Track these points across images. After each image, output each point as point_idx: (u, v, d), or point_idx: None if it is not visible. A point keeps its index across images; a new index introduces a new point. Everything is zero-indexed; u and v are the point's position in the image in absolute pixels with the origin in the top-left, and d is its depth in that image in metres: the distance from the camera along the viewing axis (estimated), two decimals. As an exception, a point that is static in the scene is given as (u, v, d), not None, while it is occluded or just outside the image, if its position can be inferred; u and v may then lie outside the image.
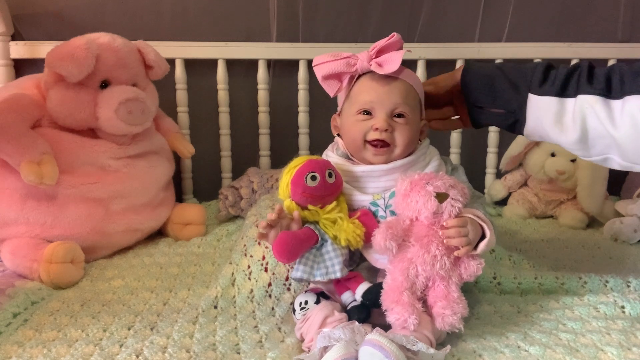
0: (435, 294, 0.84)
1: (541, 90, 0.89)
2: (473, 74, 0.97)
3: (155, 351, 0.84)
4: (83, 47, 1.22)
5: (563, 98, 0.87)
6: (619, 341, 0.83)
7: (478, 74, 0.97)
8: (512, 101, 0.92)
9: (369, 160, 0.95)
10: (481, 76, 0.96)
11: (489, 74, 0.96)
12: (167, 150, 1.49)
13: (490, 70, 0.97)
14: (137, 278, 1.17)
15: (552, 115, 0.87)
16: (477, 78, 0.97)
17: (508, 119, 0.94)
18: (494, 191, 1.70)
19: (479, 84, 0.96)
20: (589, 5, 1.70)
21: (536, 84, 0.89)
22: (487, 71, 0.97)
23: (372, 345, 0.72)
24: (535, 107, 0.89)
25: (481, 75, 0.96)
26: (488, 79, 0.95)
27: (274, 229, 0.88)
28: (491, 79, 0.95)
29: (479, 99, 0.96)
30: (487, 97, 0.95)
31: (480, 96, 0.96)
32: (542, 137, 0.92)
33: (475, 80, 0.97)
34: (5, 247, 1.20)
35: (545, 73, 0.90)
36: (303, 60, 1.61)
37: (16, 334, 0.91)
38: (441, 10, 1.68)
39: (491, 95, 0.95)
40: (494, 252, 1.19)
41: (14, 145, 1.15)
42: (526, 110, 0.90)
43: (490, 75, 0.95)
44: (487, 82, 0.95)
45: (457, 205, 0.86)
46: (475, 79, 0.97)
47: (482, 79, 0.96)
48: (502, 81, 0.93)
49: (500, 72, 0.94)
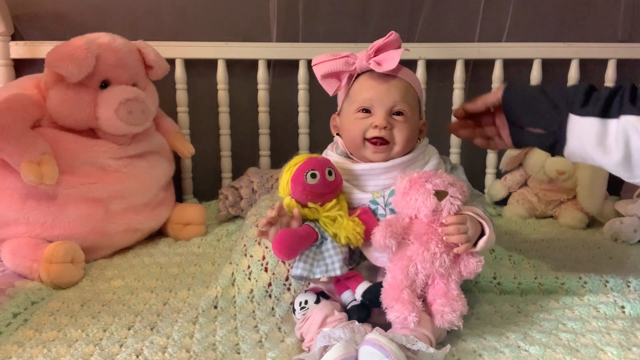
0: (435, 292, 0.84)
1: (583, 111, 0.86)
2: (514, 93, 0.96)
3: (155, 351, 0.84)
4: (83, 47, 1.22)
5: (606, 119, 0.85)
6: (619, 341, 0.83)
7: (519, 93, 0.96)
8: (553, 121, 0.90)
9: (369, 158, 0.95)
10: (522, 95, 0.95)
11: (530, 93, 0.95)
12: (167, 150, 1.49)
13: (531, 89, 0.97)
14: (137, 278, 1.17)
15: (594, 136, 0.85)
16: (518, 97, 0.95)
17: (548, 139, 0.91)
18: (494, 191, 1.70)
19: (519, 103, 0.95)
20: (589, 5, 1.70)
21: (578, 104, 0.87)
22: (529, 90, 0.97)
23: (372, 344, 0.72)
24: (577, 128, 0.87)
25: (522, 94, 0.95)
26: (529, 98, 0.94)
27: (274, 227, 0.88)
28: (532, 98, 0.93)
29: (519, 117, 0.95)
30: (527, 116, 0.93)
31: (521, 115, 0.95)
32: (583, 158, 0.89)
33: (516, 98, 0.95)
34: (5, 247, 1.20)
35: (587, 94, 0.88)
36: (303, 60, 1.61)
37: (16, 334, 0.91)
38: (441, 10, 1.68)
39: (531, 114, 0.93)
40: (494, 252, 1.19)
41: (14, 145, 1.15)
42: (567, 131, 0.88)
43: (531, 95, 0.94)
44: (528, 101, 0.93)
45: (456, 203, 0.86)
46: (516, 97, 0.95)
47: (523, 98, 0.94)
48: (543, 101, 0.91)
49: (541, 92, 0.93)
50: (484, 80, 1.69)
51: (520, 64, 1.68)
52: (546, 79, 1.67)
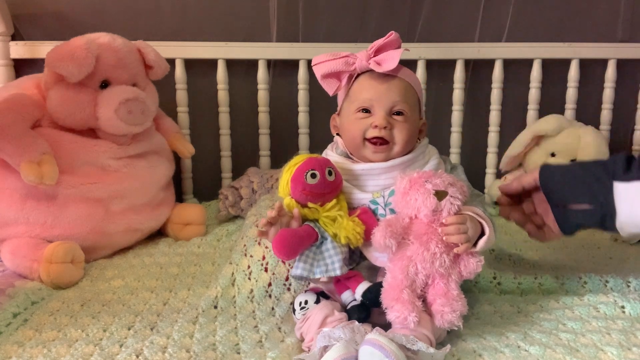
0: (435, 292, 0.84)
1: (627, 177, 0.83)
2: (550, 171, 0.94)
3: (155, 351, 0.84)
4: (83, 47, 1.22)
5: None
6: (619, 341, 0.83)
7: (555, 170, 0.93)
8: (598, 193, 0.86)
9: (369, 158, 0.95)
10: (559, 171, 0.93)
11: (567, 168, 0.93)
12: (167, 150, 1.49)
13: (567, 165, 0.95)
14: (137, 278, 1.17)
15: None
16: (555, 173, 0.93)
17: (596, 213, 0.87)
18: (494, 191, 1.70)
19: (558, 179, 0.92)
20: (589, 5, 1.70)
21: (620, 171, 0.84)
22: (565, 167, 0.95)
23: (372, 344, 0.72)
24: (625, 195, 0.83)
25: (559, 171, 0.93)
26: (567, 173, 0.92)
27: (273, 227, 0.88)
28: (570, 173, 0.91)
29: (560, 195, 0.92)
30: (569, 192, 0.90)
31: (562, 191, 0.91)
32: (637, 225, 0.84)
33: (553, 176, 0.93)
34: (5, 247, 1.20)
35: (627, 161, 0.86)
36: (303, 60, 1.61)
37: (16, 334, 0.91)
38: (441, 10, 1.68)
39: (573, 189, 0.89)
40: (494, 252, 1.19)
41: (14, 145, 1.15)
42: (614, 201, 0.84)
43: (568, 170, 0.92)
44: (567, 176, 0.91)
45: (456, 203, 0.86)
46: (554, 174, 0.93)
47: (561, 174, 0.92)
48: (583, 174, 0.89)
49: (578, 166, 0.92)
50: (484, 80, 1.70)
51: (520, 64, 1.68)
52: (546, 79, 1.67)
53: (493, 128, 1.70)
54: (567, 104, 1.70)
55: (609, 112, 1.70)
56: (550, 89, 1.70)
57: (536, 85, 1.67)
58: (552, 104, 1.70)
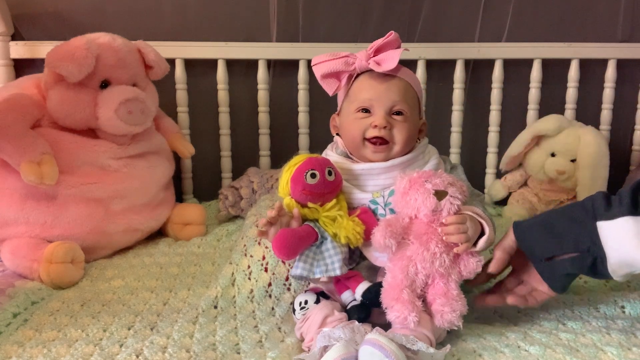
0: (435, 292, 0.84)
1: (610, 214, 0.77)
2: (525, 226, 0.87)
3: (155, 351, 0.84)
4: (83, 47, 1.22)
5: (639, 216, 0.76)
6: (619, 341, 0.83)
7: (531, 223, 0.87)
8: (582, 237, 0.80)
9: (369, 158, 0.96)
10: (535, 223, 0.86)
11: (542, 218, 0.87)
12: (167, 150, 1.49)
13: (542, 216, 0.88)
14: (137, 278, 1.17)
15: (634, 236, 0.75)
16: (532, 227, 0.86)
17: (585, 259, 0.80)
18: (494, 191, 1.70)
19: (536, 232, 0.85)
20: (589, 5, 1.70)
21: (601, 209, 0.78)
22: (540, 218, 0.88)
23: (372, 344, 0.72)
24: (611, 235, 0.77)
25: (535, 223, 0.86)
26: (544, 223, 0.85)
27: (273, 227, 0.88)
28: (547, 222, 0.85)
29: (542, 247, 0.85)
30: (550, 242, 0.83)
31: (543, 244, 0.84)
32: (632, 265, 0.77)
33: (530, 230, 0.86)
34: (5, 247, 1.20)
35: (605, 198, 0.80)
36: (303, 60, 1.61)
37: (16, 334, 0.91)
38: (441, 10, 1.68)
39: (555, 239, 0.83)
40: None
41: (14, 145, 1.15)
42: (602, 242, 0.78)
43: (544, 219, 0.86)
44: (544, 226, 0.84)
45: (456, 203, 0.86)
46: (530, 228, 0.86)
47: (538, 226, 0.85)
48: (562, 220, 0.83)
49: (554, 214, 0.85)
50: (484, 80, 1.69)
51: (520, 64, 1.68)
52: (546, 79, 1.67)
53: (493, 128, 1.70)
54: (567, 104, 1.70)
55: (609, 112, 1.70)
56: (550, 89, 1.70)
57: (536, 85, 1.67)
58: (552, 104, 1.70)
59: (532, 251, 0.86)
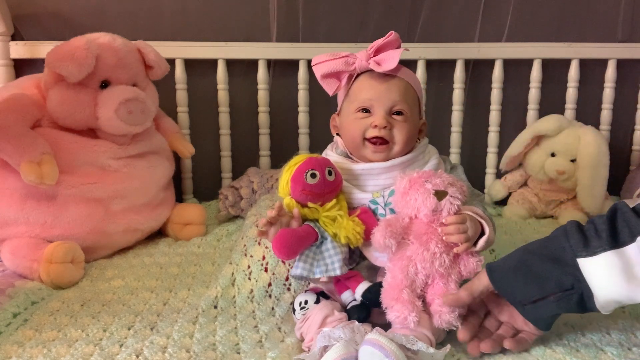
0: (434, 292, 0.84)
1: (589, 251, 0.73)
2: (500, 270, 0.81)
3: (155, 351, 0.84)
4: (83, 47, 1.22)
5: (620, 248, 0.72)
6: (619, 341, 0.83)
7: (504, 266, 0.81)
8: (564, 276, 0.75)
9: (369, 158, 0.96)
10: (512, 269, 0.80)
11: (517, 262, 0.80)
12: (167, 150, 1.49)
13: (515, 258, 0.81)
14: (137, 278, 1.17)
15: (619, 271, 0.71)
16: (507, 271, 0.80)
17: (570, 298, 0.75)
18: (494, 191, 1.70)
19: (513, 276, 0.79)
20: (589, 5, 1.70)
21: (579, 246, 0.74)
22: (514, 261, 0.81)
23: (372, 344, 0.72)
24: (596, 272, 0.73)
25: (512, 268, 0.80)
26: (521, 267, 0.79)
27: (273, 227, 0.88)
28: (524, 265, 0.79)
29: (523, 292, 0.79)
30: (533, 287, 0.77)
31: (524, 288, 0.78)
32: (619, 301, 0.73)
33: (507, 274, 0.80)
34: (5, 247, 1.20)
35: (581, 232, 0.75)
36: (303, 60, 1.61)
37: (16, 334, 0.91)
38: (441, 10, 1.68)
39: (536, 282, 0.77)
40: (494, 252, 1.18)
41: (14, 145, 1.15)
42: (586, 280, 0.73)
43: (521, 263, 0.79)
44: (523, 270, 0.79)
45: (456, 203, 0.86)
46: (506, 273, 0.80)
47: (515, 271, 0.79)
48: (539, 261, 0.78)
49: (529, 255, 0.79)
50: (484, 80, 1.70)
51: (520, 64, 1.68)
52: (546, 79, 1.68)
53: (493, 128, 1.70)
54: (567, 104, 1.70)
55: (609, 112, 1.70)
56: (550, 89, 1.70)
57: (536, 85, 1.67)
58: (552, 104, 1.70)
59: (513, 297, 0.81)
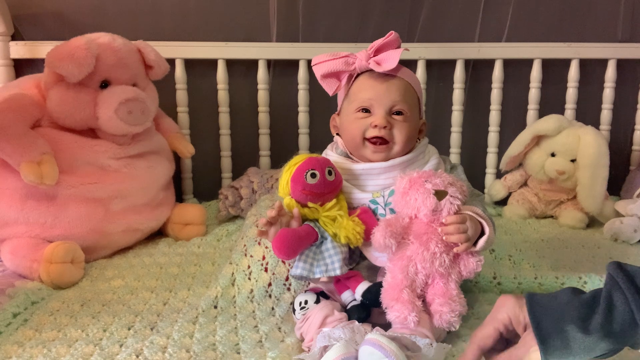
0: (434, 291, 0.84)
1: None
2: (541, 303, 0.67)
3: (155, 351, 0.84)
4: (83, 47, 1.22)
5: None
6: (619, 341, 0.83)
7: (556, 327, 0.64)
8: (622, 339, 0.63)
9: (368, 158, 0.95)
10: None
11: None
12: (167, 150, 1.49)
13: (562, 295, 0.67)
14: (137, 278, 1.17)
15: None
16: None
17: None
18: (494, 191, 1.70)
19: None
20: (589, 5, 1.70)
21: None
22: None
23: (372, 344, 0.72)
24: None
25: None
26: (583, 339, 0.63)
27: (273, 227, 0.88)
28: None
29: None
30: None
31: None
32: None
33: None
34: (5, 247, 1.20)
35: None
36: (303, 60, 1.61)
37: (16, 334, 0.91)
38: (441, 10, 1.68)
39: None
40: (494, 252, 1.18)
41: (14, 145, 1.15)
42: None
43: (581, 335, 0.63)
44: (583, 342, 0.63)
45: (456, 203, 0.86)
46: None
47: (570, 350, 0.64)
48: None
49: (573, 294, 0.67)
50: (484, 80, 1.70)
51: (520, 64, 1.68)
52: (546, 79, 1.68)
53: (493, 128, 1.70)
54: (567, 104, 1.70)
55: (609, 112, 1.70)
56: (550, 89, 1.70)
57: (536, 85, 1.67)
58: (552, 104, 1.70)
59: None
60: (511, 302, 0.69)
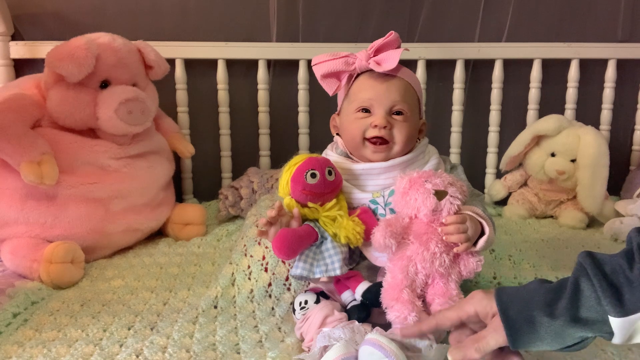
0: (434, 291, 0.84)
1: (623, 310, 0.60)
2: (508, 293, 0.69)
3: (155, 351, 0.84)
4: (83, 47, 1.22)
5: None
6: (619, 341, 0.83)
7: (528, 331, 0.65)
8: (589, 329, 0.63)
9: (368, 158, 0.95)
10: (539, 338, 0.65)
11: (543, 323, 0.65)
12: (167, 150, 1.49)
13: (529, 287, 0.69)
14: (137, 278, 1.17)
15: None
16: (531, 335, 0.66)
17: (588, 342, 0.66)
18: (494, 191, 1.70)
19: (540, 343, 0.66)
20: (589, 5, 1.70)
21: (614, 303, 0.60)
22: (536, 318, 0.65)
23: (372, 344, 0.72)
24: (623, 327, 0.61)
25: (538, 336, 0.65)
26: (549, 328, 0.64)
27: (273, 227, 0.88)
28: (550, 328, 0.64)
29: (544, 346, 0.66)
30: (555, 344, 0.65)
31: (546, 346, 0.66)
32: None
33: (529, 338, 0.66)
34: (5, 247, 1.20)
35: (613, 291, 0.61)
36: (303, 60, 1.61)
37: (16, 334, 0.91)
38: (441, 10, 1.69)
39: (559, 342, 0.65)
40: (494, 252, 1.19)
41: (14, 145, 1.15)
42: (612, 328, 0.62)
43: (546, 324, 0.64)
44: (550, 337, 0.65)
45: (456, 203, 0.86)
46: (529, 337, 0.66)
47: (541, 339, 0.65)
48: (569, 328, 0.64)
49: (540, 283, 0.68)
50: (484, 80, 1.70)
51: (520, 64, 1.68)
52: (546, 79, 1.68)
53: (493, 128, 1.70)
54: (567, 104, 1.70)
55: (609, 112, 1.70)
56: (550, 89, 1.70)
57: (536, 85, 1.67)
58: (552, 104, 1.70)
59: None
60: (480, 295, 0.72)
